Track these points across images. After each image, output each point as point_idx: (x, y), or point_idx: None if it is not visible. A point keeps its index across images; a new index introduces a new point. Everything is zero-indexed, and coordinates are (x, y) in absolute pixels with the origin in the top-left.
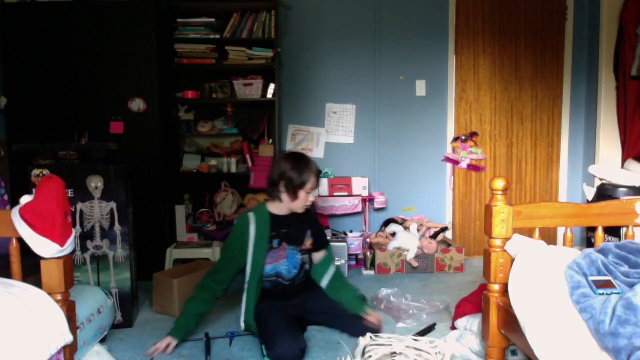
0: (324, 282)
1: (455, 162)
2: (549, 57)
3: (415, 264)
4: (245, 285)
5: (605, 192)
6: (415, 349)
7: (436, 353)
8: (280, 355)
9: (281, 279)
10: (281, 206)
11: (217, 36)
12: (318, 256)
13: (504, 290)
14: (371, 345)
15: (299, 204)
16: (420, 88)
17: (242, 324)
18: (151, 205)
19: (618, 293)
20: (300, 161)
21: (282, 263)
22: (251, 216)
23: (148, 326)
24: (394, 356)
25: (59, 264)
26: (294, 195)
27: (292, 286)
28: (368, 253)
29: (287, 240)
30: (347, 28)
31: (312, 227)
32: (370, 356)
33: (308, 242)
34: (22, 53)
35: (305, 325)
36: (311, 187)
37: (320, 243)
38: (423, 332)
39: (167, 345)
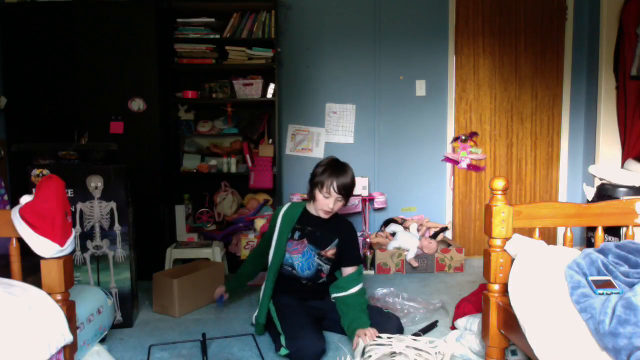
0: (335, 294)
1: (455, 162)
2: (549, 57)
3: (415, 264)
4: (268, 272)
5: (605, 192)
6: (415, 349)
7: (436, 353)
8: (303, 347)
9: (295, 272)
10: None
11: (217, 36)
12: (347, 272)
13: (504, 290)
14: (371, 345)
15: (318, 206)
16: (420, 88)
17: (254, 319)
18: (151, 205)
19: (618, 293)
20: (332, 166)
21: (297, 257)
22: (284, 208)
23: (148, 326)
24: (394, 356)
25: (59, 264)
26: (312, 193)
27: (306, 287)
28: (368, 253)
29: (309, 238)
30: (347, 28)
31: (343, 239)
32: (370, 356)
33: (330, 251)
34: (22, 53)
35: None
36: (326, 191)
37: (350, 259)
38: (425, 330)
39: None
